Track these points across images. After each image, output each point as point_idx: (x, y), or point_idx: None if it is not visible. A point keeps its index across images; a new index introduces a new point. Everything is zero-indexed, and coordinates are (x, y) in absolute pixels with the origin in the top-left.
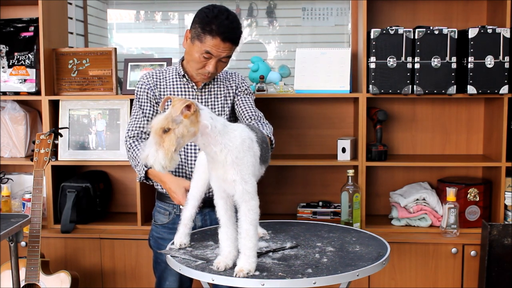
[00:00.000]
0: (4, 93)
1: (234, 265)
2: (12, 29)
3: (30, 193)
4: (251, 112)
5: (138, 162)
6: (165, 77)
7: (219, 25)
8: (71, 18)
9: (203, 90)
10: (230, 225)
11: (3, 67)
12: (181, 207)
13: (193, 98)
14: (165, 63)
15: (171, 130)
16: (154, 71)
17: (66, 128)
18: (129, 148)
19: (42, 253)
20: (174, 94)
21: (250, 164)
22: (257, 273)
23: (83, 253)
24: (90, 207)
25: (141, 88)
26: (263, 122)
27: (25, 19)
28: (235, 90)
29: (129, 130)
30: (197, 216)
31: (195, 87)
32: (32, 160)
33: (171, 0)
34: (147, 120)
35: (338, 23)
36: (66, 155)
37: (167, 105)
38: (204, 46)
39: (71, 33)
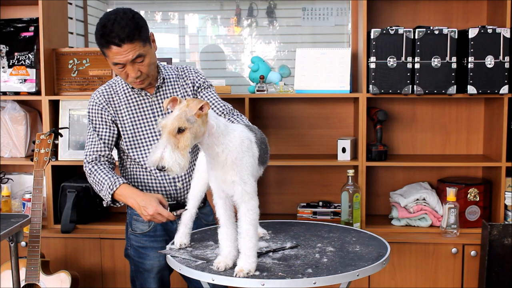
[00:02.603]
0: (4, 93)
1: (234, 265)
2: (12, 29)
3: (30, 193)
4: (221, 106)
5: (103, 187)
6: (117, 92)
7: (108, 34)
8: (71, 18)
9: (157, 95)
10: (230, 225)
11: (3, 67)
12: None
13: (149, 106)
14: (165, 63)
15: (187, 129)
16: (103, 87)
17: (66, 128)
18: (90, 174)
19: (42, 253)
20: (129, 107)
21: (249, 164)
22: (257, 273)
23: (83, 253)
24: (90, 207)
25: (93, 109)
26: (238, 114)
27: (25, 19)
28: (193, 87)
29: (86, 155)
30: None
31: (148, 94)
32: (32, 160)
33: (171, 0)
34: (104, 143)
35: (338, 23)
36: (66, 155)
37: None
38: (110, 60)
39: (71, 33)
